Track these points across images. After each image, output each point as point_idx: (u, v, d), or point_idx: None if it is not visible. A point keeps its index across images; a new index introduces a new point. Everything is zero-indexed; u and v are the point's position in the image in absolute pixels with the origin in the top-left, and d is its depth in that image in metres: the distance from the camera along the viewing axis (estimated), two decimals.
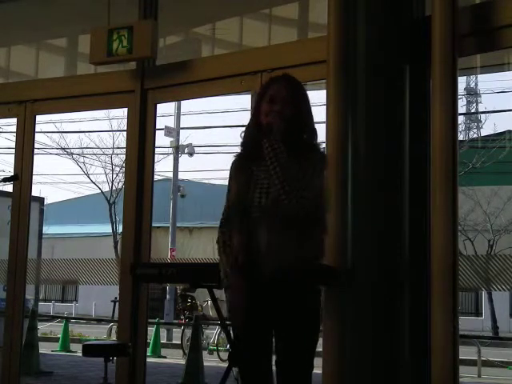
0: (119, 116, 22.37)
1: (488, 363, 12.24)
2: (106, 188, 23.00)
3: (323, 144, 3.85)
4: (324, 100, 4.31)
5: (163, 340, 15.32)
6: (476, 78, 35.93)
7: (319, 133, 3.28)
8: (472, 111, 36.50)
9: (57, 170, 50.63)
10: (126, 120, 5.86)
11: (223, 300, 3.35)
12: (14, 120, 6.45)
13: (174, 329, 16.45)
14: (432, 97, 4.12)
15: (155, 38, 5.45)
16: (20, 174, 6.00)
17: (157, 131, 5.95)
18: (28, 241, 6.24)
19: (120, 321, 5.84)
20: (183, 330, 13.33)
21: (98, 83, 5.98)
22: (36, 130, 6.43)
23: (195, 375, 8.58)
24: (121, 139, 21.68)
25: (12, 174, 5.37)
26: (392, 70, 4.24)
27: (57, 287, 27.73)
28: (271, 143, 3.06)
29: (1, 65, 7.32)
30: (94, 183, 24.72)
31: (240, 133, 3.30)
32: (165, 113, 20.34)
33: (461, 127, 31.73)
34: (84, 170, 23.39)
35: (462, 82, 35.58)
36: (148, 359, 5.85)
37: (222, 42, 6.10)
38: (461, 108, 33.70)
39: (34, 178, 6.43)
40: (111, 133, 24.01)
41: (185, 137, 29.95)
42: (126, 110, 5.83)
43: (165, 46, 6.10)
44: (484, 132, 32.41)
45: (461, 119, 35.93)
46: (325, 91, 4.34)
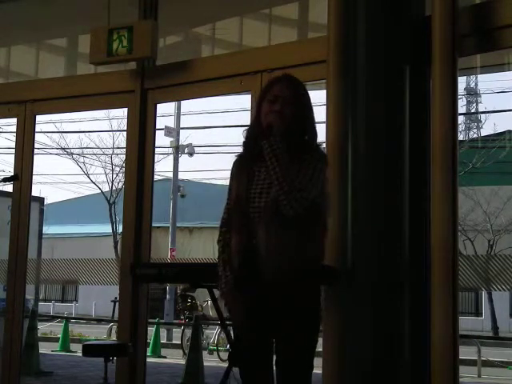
0: (119, 116, 22.41)
1: (488, 363, 12.24)
2: (106, 188, 23.03)
3: (323, 144, 3.85)
4: (324, 100, 4.31)
5: (163, 340, 15.33)
6: (476, 78, 35.99)
7: (319, 133, 3.28)
8: (472, 111, 36.53)
9: (57, 170, 50.67)
10: (126, 120, 5.87)
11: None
12: (14, 120, 6.46)
13: (174, 329, 16.46)
14: (432, 97, 4.12)
15: (155, 38, 5.45)
16: (20, 174, 6.00)
17: (157, 131, 5.96)
18: (28, 241, 6.24)
19: (120, 321, 5.84)
20: (183, 330, 13.34)
21: (98, 83, 5.98)
22: (36, 130, 6.43)
23: (195, 375, 8.58)
24: (121, 139, 21.73)
25: (12, 174, 5.38)
26: (392, 70, 4.24)
27: (57, 287, 27.74)
28: (271, 144, 3.06)
29: (1, 65, 7.32)
30: (94, 183, 24.78)
31: (242, 132, 3.30)
32: (165, 113, 20.39)
33: (461, 127, 31.78)
34: (84, 170, 23.44)
35: (462, 82, 35.66)
36: (148, 359, 5.84)
37: (222, 42, 6.10)
38: (461, 108, 33.73)
39: (34, 178, 6.44)
40: (111, 133, 24.05)
41: (185, 137, 29.99)
42: (126, 110, 5.83)
43: (165, 46, 6.10)
44: (484, 132, 32.49)
45: (461, 119, 35.98)
46: (325, 91, 4.34)
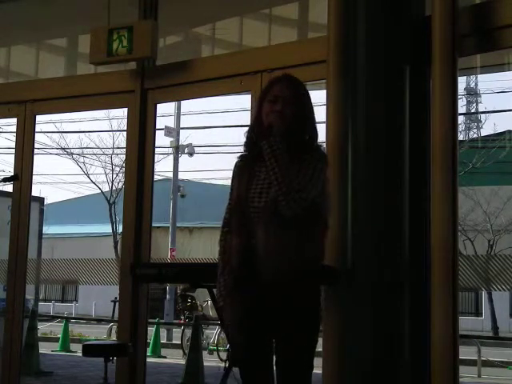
0: (119, 116, 22.41)
1: (488, 363, 12.25)
2: (106, 188, 23.04)
3: (323, 144, 3.85)
4: (324, 100, 4.31)
5: (163, 340, 15.33)
6: (476, 78, 35.98)
7: (319, 133, 3.28)
8: (472, 111, 36.52)
9: (57, 170, 50.65)
10: (126, 120, 5.87)
11: None
12: (14, 120, 6.46)
13: (174, 329, 16.46)
14: (432, 97, 4.12)
15: (155, 38, 5.45)
16: (20, 174, 6.00)
17: (157, 131, 5.95)
18: (28, 241, 6.24)
19: (120, 321, 5.84)
20: (183, 330, 13.34)
21: (98, 83, 5.98)
22: (36, 130, 6.43)
23: (195, 375, 8.59)
24: (121, 139, 21.74)
25: (12, 174, 5.38)
26: (392, 70, 4.24)
27: (57, 287, 27.75)
28: (270, 144, 3.06)
29: (1, 65, 7.32)
30: (94, 183, 24.78)
31: (243, 133, 3.30)
32: (165, 113, 20.39)
33: (461, 127, 31.76)
34: (84, 170, 23.45)
35: (462, 82, 35.64)
36: (148, 359, 5.85)
37: (222, 42, 6.10)
38: (461, 108, 33.73)
39: (34, 178, 6.44)
40: (111, 133, 24.05)
41: (185, 137, 29.95)
42: (126, 110, 5.83)
43: (165, 46, 6.10)
44: (484, 132, 32.46)
45: (461, 119, 35.98)
46: (325, 91, 4.34)
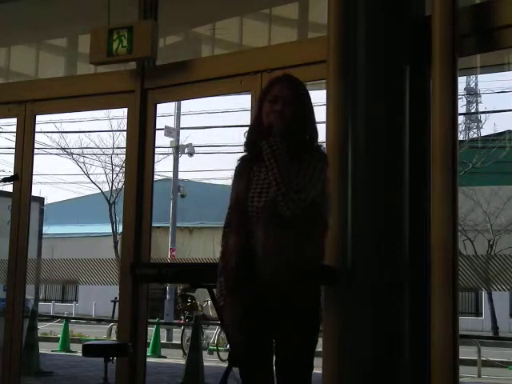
0: (119, 116, 22.41)
1: (488, 363, 12.25)
2: (106, 188, 23.04)
3: (323, 144, 3.85)
4: (324, 100, 4.31)
5: (163, 340, 15.33)
6: (476, 78, 35.97)
7: (319, 133, 3.27)
8: (472, 111, 36.51)
9: (57, 170, 50.63)
10: (126, 120, 5.87)
11: None
12: (14, 120, 6.46)
13: (174, 329, 16.47)
14: (432, 97, 4.12)
15: (155, 38, 5.45)
16: (20, 174, 6.00)
17: (157, 131, 5.95)
18: (28, 241, 6.24)
19: (120, 321, 5.84)
20: (183, 330, 13.35)
21: (98, 83, 5.98)
22: (36, 130, 6.43)
23: (195, 375, 8.59)
24: (121, 139, 21.74)
25: (12, 174, 5.38)
26: (392, 70, 4.24)
27: (57, 287, 27.74)
28: (270, 144, 3.06)
29: (1, 65, 7.32)
30: (94, 183, 24.77)
31: (243, 133, 3.30)
32: (165, 113, 20.39)
33: (461, 127, 31.76)
34: (84, 170, 23.46)
35: (462, 82, 35.64)
36: (148, 359, 5.84)
37: (222, 42, 6.10)
38: (461, 108, 33.72)
39: (34, 178, 6.44)
40: (111, 133, 24.05)
41: (185, 137, 29.96)
42: (126, 110, 5.83)
43: (165, 46, 6.10)
44: (484, 132, 32.46)
45: (461, 119, 35.98)
46: (325, 91, 4.34)
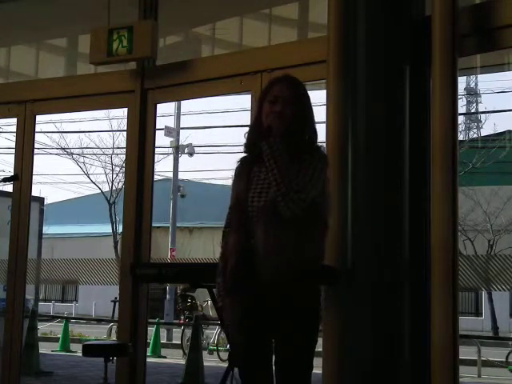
0: (119, 116, 22.40)
1: (488, 363, 12.24)
2: (106, 188, 23.03)
3: (323, 144, 3.85)
4: (324, 100, 4.31)
5: (163, 340, 15.33)
6: (476, 78, 35.96)
7: (319, 133, 3.28)
8: (472, 111, 36.51)
9: (57, 170, 50.59)
10: (126, 120, 5.87)
11: None
12: (14, 120, 6.46)
13: (174, 329, 16.46)
14: (432, 97, 4.12)
15: (155, 38, 5.45)
16: (20, 174, 6.00)
17: (157, 131, 5.95)
18: (28, 241, 6.24)
19: (120, 321, 5.84)
20: (183, 330, 13.35)
21: (98, 83, 5.98)
22: (36, 130, 6.43)
23: (195, 375, 8.59)
24: (121, 139, 21.73)
25: (12, 174, 5.38)
26: (392, 70, 4.24)
27: (57, 287, 27.74)
28: (270, 145, 3.06)
29: (1, 65, 7.32)
30: (94, 183, 24.78)
31: (243, 133, 3.30)
32: (165, 113, 20.38)
33: (461, 127, 31.75)
34: (84, 170, 23.44)
35: (462, 82, 35.63)
36: (148, 359, 5.85)
37: (222, 42, 6.10)
38: (461, 108, 33.71)
39: (34, 178, 6.44)
40: (111, 133, 24.05)
41: (185, 137, 29.94)
42: (126, 110, 5.83)
43: (165, 46, 6.10)
44: (484, 132, 32.44)
45: (461, 119, 35.97)
46: (325, 91, 4.34)
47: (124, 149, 6.21)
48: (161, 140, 20.91)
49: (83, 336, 16.27)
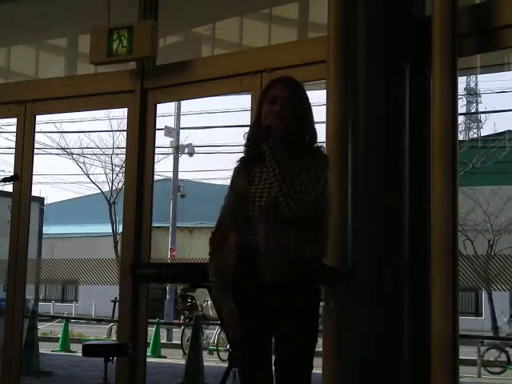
0: (119, 116, 22.38)
1: (488, 363, 12.24)
2: (106, 188, 23.03)
3: (323, 144, 3.85)
4: (324, 100, 4.31)
5: (163, 340, 15.33)
6: (476, 78, 35.95)
7: (319, 133, 3.28)
8: (472, 111, 36.49)
9: (57, 170, 50.55)
10: (126, 120, 5.87)
11: None
12: (14, 120, 6.46)
13: (174, 329, 16.46)
14: (432, 97, 4.12)
15: (155, 38, 5.45)
16: (20, 174, 6.00)
17: (157, 131, 5.95)
18: (28, 241, 6.24)
19: (120, 321, 5.84)
20: (183, 330, 13.35)
21: (98, 83, 5.98)
22: (36, 130, 6.43)
23: (195, 375, 8.58)
24: (121, 139, 21.70)
25: (12, 174, 5.38)
26: (392, 70, 4.24)
27: (57, 287, 27.74)
28: (270, 146, 3.06)
29: (1, 65, 7.32)
30: (94, 183, 24.77)
31: (243, 134, 3.30)
32: (165, 113, 20.36)
33: (461, 127, 31.73)
34: (84, 170, 23.43)
35: (462, 82, 35.61)
36: (148, 359, 5.85)
37: (222, 42, 6.10)
38: (461, 108, 33.69)
39: (34, 178, 6.44)
40: (111, 133, 24.03)
41: (185, 137, 29.91)
42: (126, 110, 5.83)
43: (165, 46, 6.10)
44: (484, 132, 32.40)
45: (461, 119, 35.95)
46: (325, 91, 4.34)
47: (124, 149, 6.22)
48: (161, 140, 20.93)
49: (83, 336, 16.27)
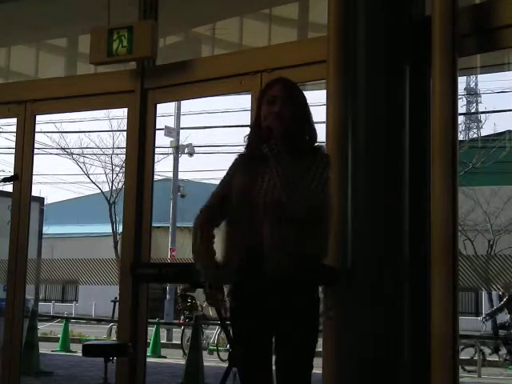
0: (119, 116, 22.38)
1: (488, 363, 12.24)
2: (106, 188, 23.04)
3: (323, 144, 3.85)
4: (324, 100, 4.31)
5: (163, 340, 15.32)
6: (476, 78, 35.97)
7: (319, 133, 3.28)
8: (472, 111, 36.51)
9: (57, 170, 50.56)
10: (126, 120, 5.87)
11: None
12: (14, 120, 6.46)
13: (174, 329, 16.45)
14: (432, 97, 4.12)
15: (155, 38, 5.45)
16: (20, 174, 6.00)
17: (157, 131, 5.96)
18: (28, 241, 6.24)
19: (120, 321, 5.84)
20: (183, 330, 13.35)
21: (98, 83, 5.98)
22: (36, 130, 6.43)
23: (195, 375, 8.58)
24: (121, 139, 21.71)
25: (12, 174, 5.38)
26: (392, 70, 4.24)
27: (57, 287, 27.74)
28: (271, 148, 3.06)
29: (1, 65, 7.32)
30: (94, 183, 24.79)
31: (244, 137, 3.30)
32: (165, 113, 20.36)
33: (461, 127, 31.74)
34: (84, 170, 23.44)
35: (462, 82, 35.62)
36: (148, 359, 5.84)
37: (222, 42, 6.10)
38: (461, 108, 33.69)
39: (34, 178, 6.44)
40: (111, 133, 24.04)
41: (185, 137, 29.92)
42: (126, 110, 5.83)
43: (165, 46, 6.10)
44: (484, 132, 32.42)
45: (461, 119, 35.95)
46: (325, 91, 4.34)
47: (124, 149, 6.22)
48: (161, 140, 20.93)
49: (83, 336, 16.26)
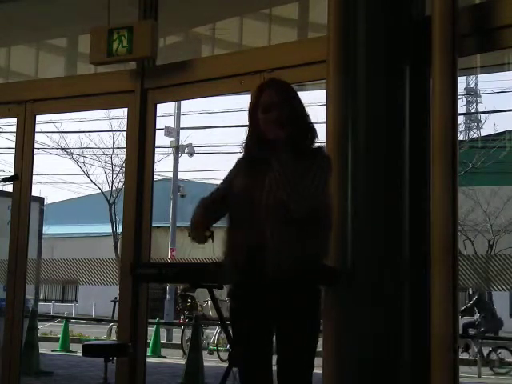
0: (119, 116, 22.39)
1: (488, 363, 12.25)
2: (106, 188, 23.04)
3: (323, 144, 3.85)
4: (324, 100, 4.31)
5: (163, 340, 15.33)
6: (476, 78, 35.99)
7: (319, 133, 3.28)
8: (472, 111, 36.53)
9: (57, 170, 50.57)
10: (126, 120, 5.87)
11: (223, 300, 3.34)
12: (14, 120, 6.46)
13: (174, 329, 16.46)
14: (432, 97, 4.12)
15: (155, 38, 5.45)
16: (20, 174, 6.00)
17: (157, 131, 5.95)
18: (28, 241, 6.24)
19: (120, 321, 5.84)
20: (183, 330, 13.35)
21: (98, 83, 5.98)
22: (36, 130, 6.43)
23: (195, 375, 8.59)
24: (121, 139, 21.72)
25: (12, 174, 5.38)
26: (392, 70, 4.24)
27: (57, 287, 27.74)
28: (272, 153, 3.07)
29: (1, 65, 7.32)
30: (94, 183, 24.75)
31: (242, 141, 3.29)
32: (165, 113, 20.36)
33: (461, 127, 31.76)
34: (84, 170, 23.45)
35: (462, 82, 35.65)
36: (148, 359, 5.84)
37: (222, 42, 6.10)
38: (461, 108, 33.70)
39: (34, 178, 6.44)
40: (111, 133, 24.04)
41: (185, 137, 29.89)
42: (126, 110, 5.83)
43: (165, 46, 6.10)
44: (484, 132, 32.46)
45: (461, 119, 35.97)
46: (325, 91, 4.34)
47: (124, 149, 6.22)
48: (161, 140, 20.93)
49: (83, 336, 16.26)
